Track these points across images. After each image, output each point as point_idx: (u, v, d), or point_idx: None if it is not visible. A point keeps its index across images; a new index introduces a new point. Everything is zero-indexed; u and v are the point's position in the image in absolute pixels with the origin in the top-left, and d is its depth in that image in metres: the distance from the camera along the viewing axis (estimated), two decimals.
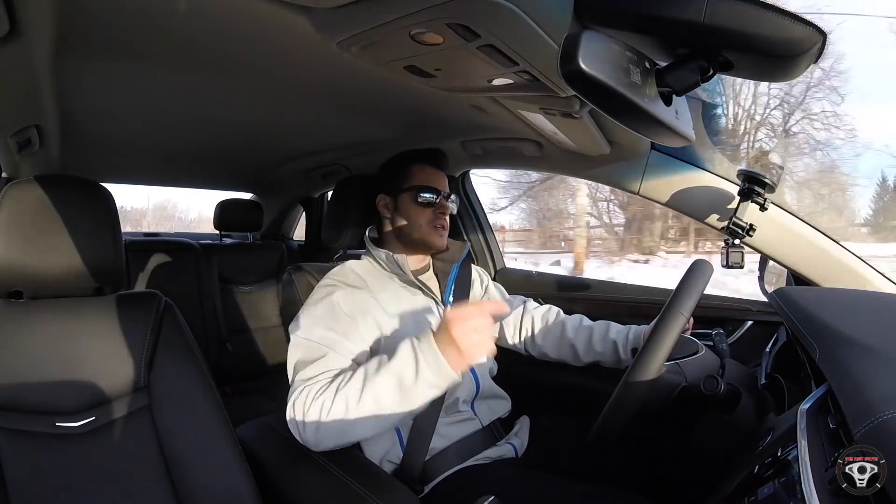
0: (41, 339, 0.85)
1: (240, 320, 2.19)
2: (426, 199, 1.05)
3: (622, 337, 1.10)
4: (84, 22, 0.71)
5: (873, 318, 0.72)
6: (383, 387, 0.80)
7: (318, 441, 0.82)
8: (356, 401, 0.80)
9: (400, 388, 0.79)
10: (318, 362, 0.87)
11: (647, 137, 0.96)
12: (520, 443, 1.05)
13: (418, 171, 1.07)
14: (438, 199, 1.06)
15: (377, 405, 0.80)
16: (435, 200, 1.05)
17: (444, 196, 1.07)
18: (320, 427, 0.81)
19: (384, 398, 0.80)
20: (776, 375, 0.87)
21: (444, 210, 1.06)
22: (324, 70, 0.89)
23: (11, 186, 0.85)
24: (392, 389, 0.79)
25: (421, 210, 1.05)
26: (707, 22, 0.50)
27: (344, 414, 0.80)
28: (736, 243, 1.04)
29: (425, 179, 1.07)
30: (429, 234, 1.05)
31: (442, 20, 0.56)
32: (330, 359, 0.87)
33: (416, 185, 1.06)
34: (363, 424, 0.81)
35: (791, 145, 9.93)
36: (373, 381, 0.80)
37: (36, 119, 1.08)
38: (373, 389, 0.80)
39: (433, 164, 1.09)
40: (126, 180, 2.52)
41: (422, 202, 1.05)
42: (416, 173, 1.07)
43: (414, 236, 1.06)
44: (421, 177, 1.07)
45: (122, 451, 0.85)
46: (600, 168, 1.21)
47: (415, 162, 1.09)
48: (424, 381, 0.78)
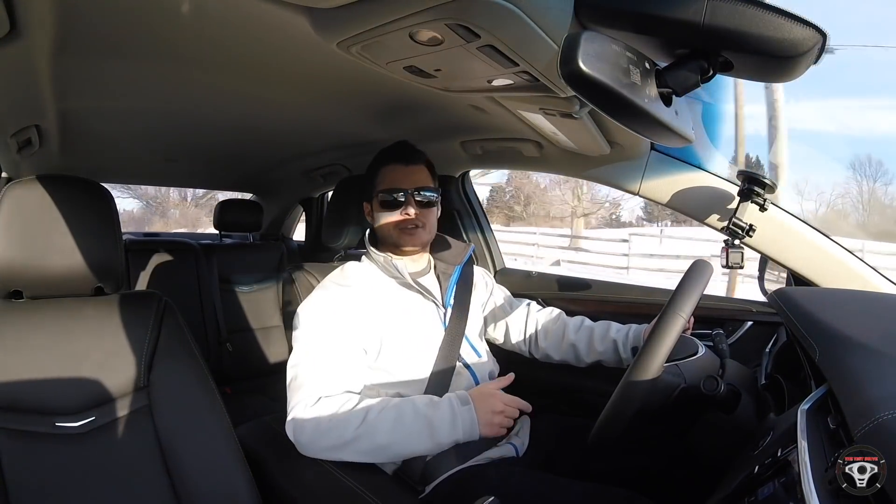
0: (41, 339, 0.85)
1: (240, 320, 2.19)
2: (389, 200, 1.04)
3: (622, 336, 1.10)
4: (84, 22, 0.71)
5: (873, 318, 0.71)
6: (413, 431, 0.86)
7: (315, 451, 0.87)
8: (383, 442, 0.85)
9: (431, 437, 0.86)
10: (324, 369, 0.89)
11: (647, 138, 0.96)
12: (520, 443, 1.05)
13: (385, 172, 1.06)
14: (404, 197, 1.03)
15: (400, 443, 0.86)
16: (399, 200, 1.03)
17: (411, 192, 1.04)
18: (332, 448, 0.85)
19: (412, 441, 0.86)
20: (776, 375, 0.87)
21: (409, 209, 1.03)
22: (324, 70, 0.89)
23: (11, 186, 0.85)
24: (423, 436, 0.86)
25: (387, 213, 1.04)
26: (707, 22, 0.50)
27: (369, 442, 0.85)
28: (736, 243, 1.04)
29: (390, 181, 1.05)
30: (398, 236, 1.04)
31: (442, 20, 0.56)
32: (336, 366, 0.90)
33: (382, 188, 1.05)
34: (373, 453, 0.87)
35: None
36: (402, 424, 0.86)
37: (36, 119, 1.08)
38: (399, 433, 0.86)
39: (401, 161, 1.06)
40: (126, 180, 2.52)
41: (386, 204, 1.04)
42: (384, 175, 1.06)
43: (388, 240, 1.06)
44: (387, 178, 1.05)
45: (121, 451, 0.85)
46: (600, 168, 1.21)
47: (382, 163, 1.07)
48: (453, 439, 0.87)
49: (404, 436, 0.85)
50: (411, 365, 0.98)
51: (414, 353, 0.99)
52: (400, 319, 1.00)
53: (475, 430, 0.87)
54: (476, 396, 0.90)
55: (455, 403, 0.88)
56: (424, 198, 1.05)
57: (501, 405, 0.89)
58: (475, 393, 0.91)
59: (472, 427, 0.87)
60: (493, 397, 0.89)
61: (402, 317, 1.00)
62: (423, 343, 1.01)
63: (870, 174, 19.17)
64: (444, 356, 1.01)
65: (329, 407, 0.85)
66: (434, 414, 0.86)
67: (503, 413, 0.89)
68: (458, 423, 0.86)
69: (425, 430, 0.85)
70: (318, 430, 0.85)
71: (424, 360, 1.00)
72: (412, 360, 0.99)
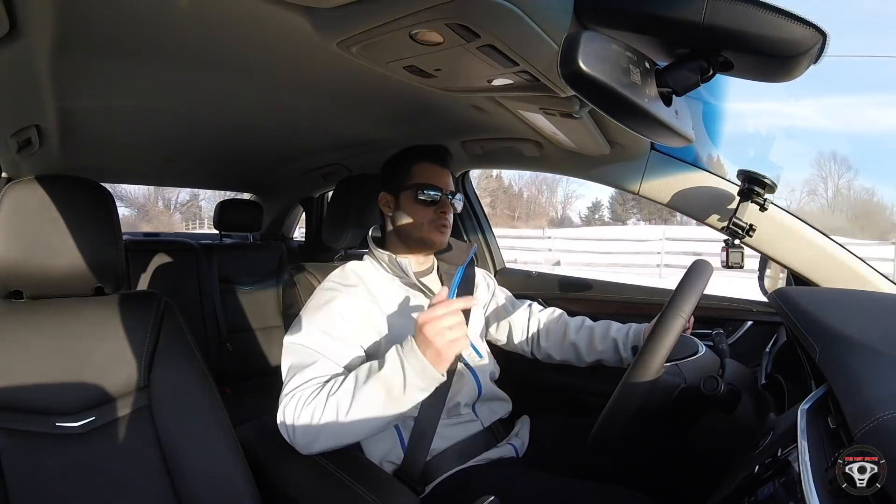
0: (41, 339, 0.85)
1: (240, 320, 2.19)
2: (428, 197, 1.03)
3: (622, 335, 1.10)
4: (84, 22, 0.71)
5: (873, 318, 0.71)
6: (373, 394, 0.81)
7: (308, 444, 0.84)
8: (346, 407, 0.81)
9: (389, 395, 0.81)
10: (309, 368, 0.87)
11: (647, 138, 0.96)
12: (520, 443, 1.05)
13: (420, 169, 1.06)
14: (441, 198, 1.04)
15: (367, 411, 0.81)
16: (437, 198, 1.04)
17: (446, 194, 1.05)
18: (311, 431, 0.82)
19: (374, 404, 0.81)
20: (776, 375, 0.87)
21: (446, 208, 1.05)
22: (324, 70, 0.89)
23: (11, 186, 0.85)
24: (381, 396, 0.81)
25: (422, 208, 1.04)
26: (707, 22, 0.50)
27: (335, 419, 0.81)
28: (736, 243, 1.04)
29: (427, 177, 1.05)
30: (430, 233, 1.04)
31: (442, 20, 0.56)
32: (321, 364, 0.88)
33: (418, 182, 1.04)
34: (354, 429, 0.83)
35: None
36: (362, 389, 0.82)
37: (36, 119, 1.08)
38: (362, 397, 0.81)
39: (436, 162, 1.07)
40: (126, 180, 2.52)
41: (423, 200, 1.04)
42: (418, 171, 1.06)
43: (414, 235, 1.05)
44: (423, 174, 1.05)
45: (122, 451, 0.85)
46: (600, 168, 1.21)
47: (417, 159, 1.07)
48: (412, 385, 0.80)
49: (375, 414, 0.81)
50: None
51: None
52: (401, 319, 0.99)
53: (428, 366, 0.79)
54: (418, 331, 0.80)
55: (397, 349, 0.83)
56: (454, 202, 1.07)
57: (438, 321, 0.78)
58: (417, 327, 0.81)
59: (423, 364, 0.79)
60: (427, 322, 0.79)
61: (404, 316, 1.00)
62: None
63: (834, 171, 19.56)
64: None
65: (298, 403, 0.83)
66: (383, 373, 0.81)
67: (442, 324, 0.78)
68: (408, 368, 0.80)
69: (386, 397, 0.81)
70: (310, 432, 0.83)
71: None
72: None
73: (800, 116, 27.92)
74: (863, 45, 32.10)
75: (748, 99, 21.82)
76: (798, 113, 28.23)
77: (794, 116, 28.58)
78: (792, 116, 28.90)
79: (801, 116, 27.98)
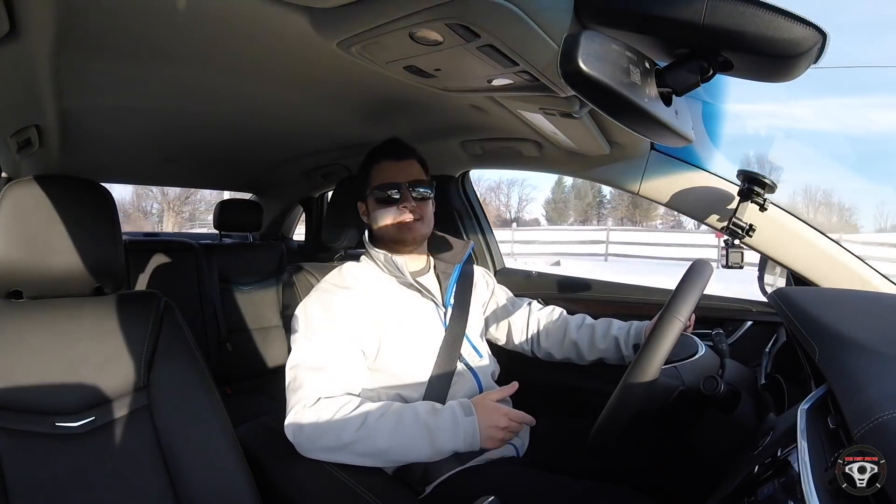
0: (41, 339, 0.85)
1: (240, 320, 2.19)
2: (385, 196, 1.03)
3: (623, 333, 1.10)
4: (84, 22, 0.71)
5: (873, 318, 0.71)
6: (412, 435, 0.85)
7: (313, 452, 0.86)
8: (382, 447, 0.85)
9: (431, 444, 0.85)
10: (324, 371, 0.88)
11: (647, 137, 0.96)
12: (520, 443, 1.05)
13: (377, 170, 1.06)
14: (399, 193, 1.02)
15: (397, 451, 0.86)
16: (395, 196, 1.02)
17: (406, 186, 1.03)
18: (329, 450, 0.85)
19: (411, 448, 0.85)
20: (776, 375, 0.87)
21: (407, 202, 1.02)
22: (324, 70, 0.89)
23: (11, 186, 0.85)
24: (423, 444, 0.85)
25: (385, 209, 1.03)
26: (707, 22, 0.50)
27: (358, 445, 0.84)
28: (736, 243, 1.04)
29: (383, 176, 1.04)
30: (397, 231, 1.03)
31: (442, 20, 0.56)
32: (335, 367, 0.89)
33: (375, 184, 1.04)
34: (369, 458, 0.86)
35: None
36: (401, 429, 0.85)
37: (36, 119, 1.08)
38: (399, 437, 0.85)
39: (392, 157, 1.06)
40: (126, 180, 2.52)
41: (383, 200, 1.03)
42: (376, 172, 1.06)
43: (388, 237, 1.05)
44: (379, 174, 1.05)
45: (121, 451, 0.84)
46: (600, 168, 1.21)
47: (374, 161, 1.07)
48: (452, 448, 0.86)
49: (403, 441, 0.85)
50: (411, 365, 0.98)
51: (414, 354, 0.99)
52: (399, 319, 0.99)
53: (476, 442, 0.85)
54: (480, 407, 0.88)
55: (458, 413, 0.87)
56: (420, 193, 1.04)
57: (506, 421, 0.87)
58: (479, 403, 0.89)
59: (474, 438, 0.85)
60: (497, 412, 0.87)
61: (402, 316, 1.00)
62: (422, 343, 1.01)
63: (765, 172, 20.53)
64: (445, 356, 1.01)
65: (328, 408, 0.85)
66: (435, 422, 0.86)
67: (507, 429, 0.87)
68: (460, 433, 0.85)
69: (425, 437, 0.85)
70: (316, 430, 0.84)
71: (424, 361, 1.00)
72: (412, 361, 0.99)
73: (798, 118, 28.15)
74: (863, 45, 32.30)
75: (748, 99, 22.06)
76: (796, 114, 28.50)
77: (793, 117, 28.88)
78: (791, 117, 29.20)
79: (799, 117, 28.24)
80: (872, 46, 32.04)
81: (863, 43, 35.68)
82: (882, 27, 35.51)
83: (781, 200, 1.12)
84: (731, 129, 1.18)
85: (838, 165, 27.75)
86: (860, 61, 28.11)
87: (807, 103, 28.90)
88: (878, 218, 25.29)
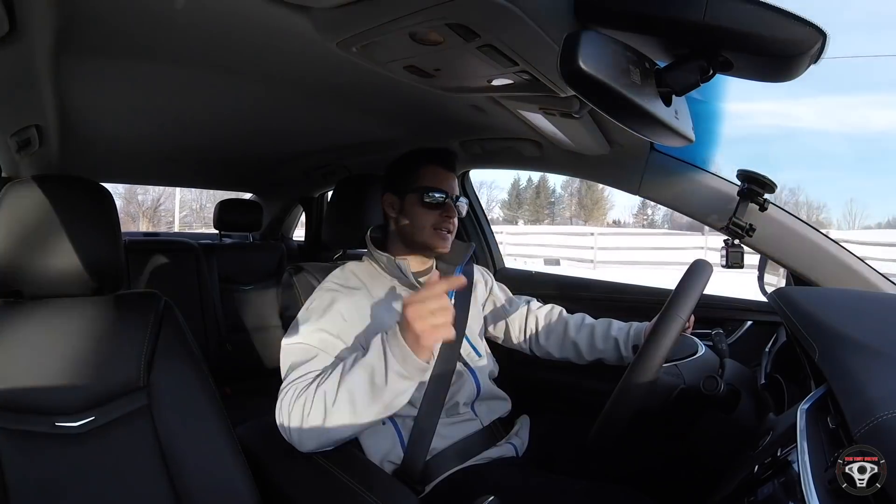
0: (41, 339, 0.85)
1: (240, 320, 2.19)
2: (434, 200, 1.02)
3: (623, 334, 1.10)
4: (84, 22, 0.71)
5: (873, 318, 0.71)
6: (357, 381, 0.79)
7: (300, 440, 0.83)
8: (333, 398, 0.80)
9: (372, 383, 0.79)
10: (307, 363, 0.87)
11: (647, 138, 0.95)
12: (520, 442, 1.05)
13: (427, 172, 1.05)
14: (446, 201, 1.03)
15: (352, 400, 0.79)
16: (442, 202, 1.03)
17: (451, 198, 1.04)
18: (302, 426, 0.81)
19: (358, 393, 0.79)
20: (776, 375, 0.87)
21: (451, 213, 1.03)
22: (324, 70, 0.89)
23: (11, 186, 0.85)
24: (365, 384, 0.79)
25: (426, 212, 1.03)
26: (707, 22, 0.50)
27: (322, 411, 0.80)
28: (736, 243, 1.04)
29: (433, 180, 1.04)
30: (432, 236, 1.03)
31: (442, 20, 0.56)
32: (319, 359, 0.88)
33: (424, 185, 1.03)
34: (340, 422, 0.80)
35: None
36: (347, 377, 0.80)
37: (36, 119, 1.08)
38: (347, 385, 0.79)
39: (443, 166, 1.06)
40: (126, 180, 2.52)
41: (428, 203, 1.03)
42: (425, 173, 1.05)
43: (418, 238, 1.04)
44: (429, 177, 1.04)
45: (121, 451, 0.84)
46: (600, 168, 1.21)
47: (424, 162, 1.06)
48: (394, 372, 0.78)
49: (364, 408, 0.80)
50: None
51: None
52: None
53: (409, 353, 0.77)
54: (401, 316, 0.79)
55: (381, 335, 0.81)
56: (459, 207, 1.06)
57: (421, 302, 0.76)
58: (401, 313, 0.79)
59: (403, 350, 0.77)
60: (408, 304, 0.77)
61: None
62: None
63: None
64: (445, 356, 1.01)
65: (307, 400, 0.82)
66: (367, 357, 0.80)
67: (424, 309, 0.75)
68: (389, 356, 0.78)
69: (372, 390, 0.79)
70: (302, 427, 0.82)
71: None
72: None
73: (797, 117, 28.22)
74: (862, 46, 32.39)
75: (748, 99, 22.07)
76: (796, 113, 28.53)
77: (791, 117, 28.91)
78: (789, 117, 29.22)
79: (799, 117, 28.29)
80: (874, 47, 32.14)
81: (863, 44, 35.77)
82: (881, 26, 35.62)
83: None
84: (731, 128, 1.18)
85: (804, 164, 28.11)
86: (862, 60, 28.22)
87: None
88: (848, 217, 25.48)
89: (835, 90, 32.05)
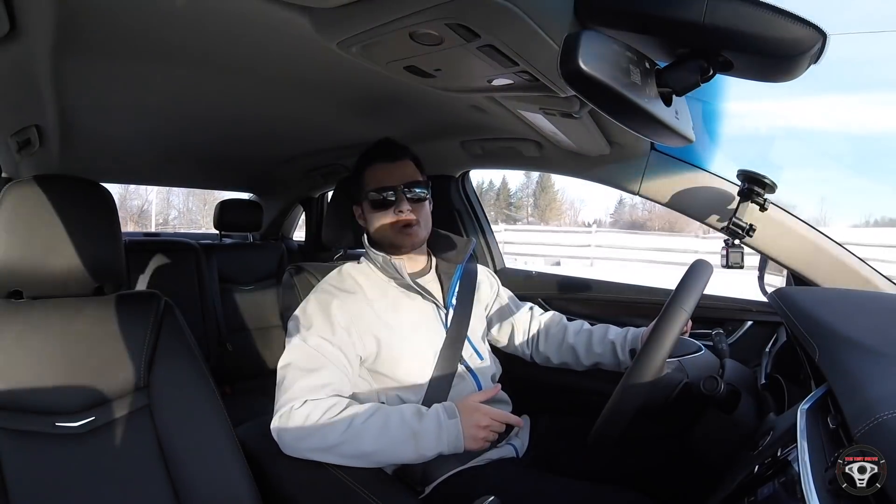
0: (41, 339, 0.85)
1: (240, 320, 2.19)
2: (380, 199, 1.01)
3: (620, 338, 1.10)
4: (84, 22, 0.71)
5: (873, 318, 0.71)
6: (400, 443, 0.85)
7: (298, 452, 0.86)
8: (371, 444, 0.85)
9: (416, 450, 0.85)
10: (315, 373, 0.88)
11: (647, 138, 0.96)
12: (520, 443, 1.05)
13: (371, 173, 1.04)
14: (394, 196, 1.01)
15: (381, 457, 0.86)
16: (389, 198, 1.01)
17: (401, 189, 1.01)
18: (316, 445, 0.85)
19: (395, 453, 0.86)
20: (776, 375, 0.87)
21: (403, 206, 1.00)
22: (324, 70, 0.89)
23: (11, 186, 0.85)
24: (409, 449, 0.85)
25: (379, 213, 1.02)
26: (707, 22, 0.50)
27: (351, 443, 0.84)
28: (736, 243, 1.04)
29: (377, 179, 1.02)
30: (395, 235, 1.01)
31: (442, 20, 0.56)
32: (327, 371, 0.89)
33: (369, 188, 1.03)
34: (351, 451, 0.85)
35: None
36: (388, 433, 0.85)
37: (36, 119, 1.08)
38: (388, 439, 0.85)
39: (385, 159, 1.04)
40: (126, 180, 2.52)
41: (377, 204, 1.02)
42: (369, 175, 1.04)
43: (384, 241, 1.03)
44: (373, 178, 1.03)
45: (121, 451, 0.85)
46: (600, 168, 1.21)
47: (367, 163, 1.05)
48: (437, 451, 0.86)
49: (389, 444, 0.85)
50: (411, 368, 0.98)
51: (413, 356, 0.98)
52: (399, 322, 0.99)
53: (459, 444, 0.86)
54: (463, 409, 0.88)
55: (442, 416, 0.87)
56: (415, 194, 1.02)
57: (487, 420, 0.87)
58: (463, 405, 0.89)
59: (457, 440, 0.85)
60: (479, 412, 0.88)
61: (401, 319, 1.00)
62: (422, 345, 1.00)
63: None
64: (446, 359, 1.01)
65: (315, 410, 0.85)
66: (420, 425, 0.86)
67: (488, 427, 0.87)
68: (444, 435, 0.85)
69: (410, 441, 0.85)
70: (302, 432, 0.84)
71: (424, 364, 0.99)
72: (412, 364, 0.98)
73: (797, 116, 28.25)
74: (862, 45, 32.42)
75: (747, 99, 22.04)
76: (796, 113, 28.50)
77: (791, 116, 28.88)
78: (790, 116, 29.19)
79: (799, 116, 28.30)
80: (873, 47, 32.21)
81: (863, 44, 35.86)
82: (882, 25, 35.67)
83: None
84: (731, 128, 1.18)
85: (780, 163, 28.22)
86: (860, 59, 28.25)
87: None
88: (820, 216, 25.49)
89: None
